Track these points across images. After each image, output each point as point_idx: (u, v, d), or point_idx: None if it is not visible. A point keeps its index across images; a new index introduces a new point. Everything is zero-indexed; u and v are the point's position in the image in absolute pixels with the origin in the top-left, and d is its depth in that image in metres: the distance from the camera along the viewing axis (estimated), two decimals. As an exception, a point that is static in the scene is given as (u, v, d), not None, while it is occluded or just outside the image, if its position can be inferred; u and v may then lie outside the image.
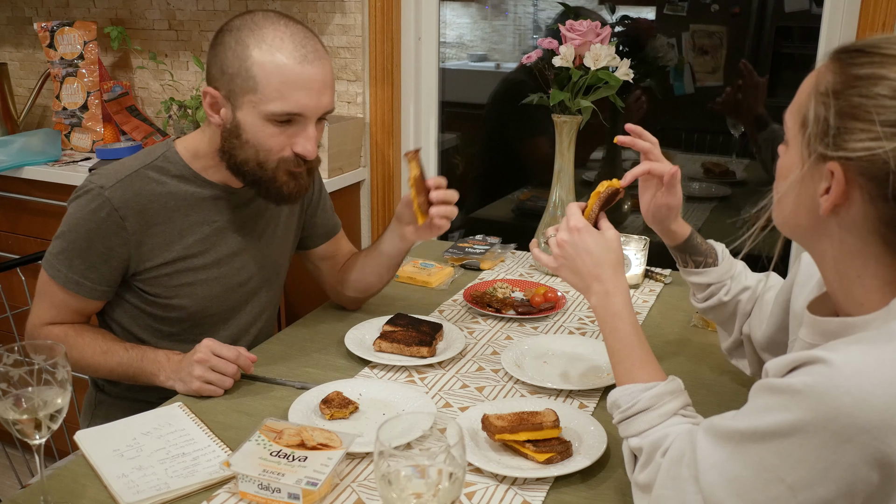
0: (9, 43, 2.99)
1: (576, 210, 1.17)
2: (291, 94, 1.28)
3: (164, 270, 1.41)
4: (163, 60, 2.69)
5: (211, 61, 1.33)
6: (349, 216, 2.46)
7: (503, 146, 2.75)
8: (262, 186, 1.37)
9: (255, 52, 1.27)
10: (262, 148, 1.32)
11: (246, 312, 1.55)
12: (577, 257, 1.12)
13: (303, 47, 1.29)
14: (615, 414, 1.03)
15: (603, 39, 1.73)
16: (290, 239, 1.61)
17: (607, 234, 1.14)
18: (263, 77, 1.27)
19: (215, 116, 1.34)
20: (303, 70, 1.28)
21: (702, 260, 1.30)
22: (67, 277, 1.38)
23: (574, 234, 1.13)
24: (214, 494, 1.05)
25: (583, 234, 1.12)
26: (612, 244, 1.13)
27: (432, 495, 0.86)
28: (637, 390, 1.01)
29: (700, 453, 0.86)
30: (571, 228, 1.14)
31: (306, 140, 1.32)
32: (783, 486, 0.78)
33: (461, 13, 2.81)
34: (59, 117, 2.67)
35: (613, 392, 1.05)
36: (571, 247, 1.13)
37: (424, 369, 1.42)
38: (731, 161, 2.48)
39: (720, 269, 1.29)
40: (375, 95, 2.40)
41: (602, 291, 1.10)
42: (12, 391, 0.99)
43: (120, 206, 1.34)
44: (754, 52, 2.37)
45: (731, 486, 0.82)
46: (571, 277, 1.14)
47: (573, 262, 1.13)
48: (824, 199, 0.83)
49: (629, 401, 1.01)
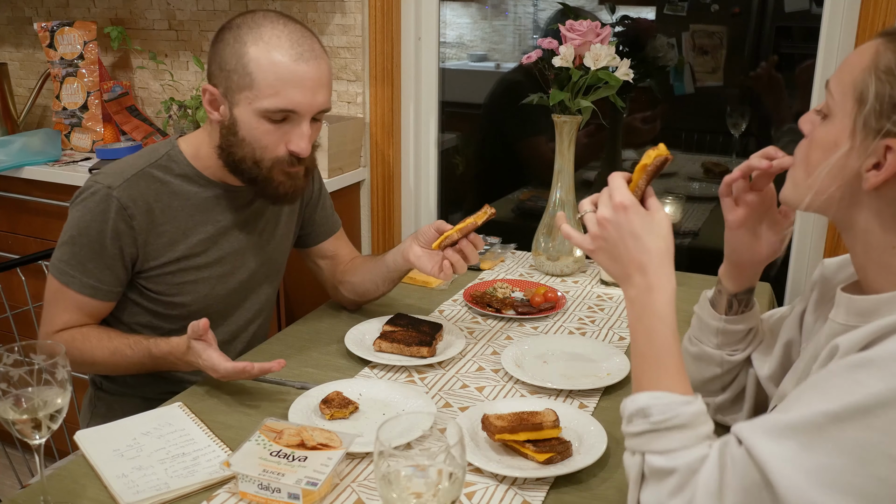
0: (9, 43, 2.99)
1: (621, 183, 0.98)
2: (285, 91, 1.29)
3: (168, 269, 1.42)
4: (163, 60, 2.69)
5: (211, 59, 1.35)
6: (349, 216, 2.46)
7: (502, 146, 2.75)
8: (258, 185, 1.38)
9: (251, 49, 1.29)
10: (257, 145, 1.33)
11: (245, 309, 1.55)
12: (620, 241, 0.95)
13: (299, 46, 1.31)
14: (638, 422, 0.89)
15: (603, 39, 1.73)
16: (289, 236, 1.62)
17: (656, 216, 0.96)
18: (259, 74, 1.29)
19: (214, 113, 1.36)
20: (298, 68, 1.29)
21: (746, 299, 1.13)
22: (83, 283, 1.37)
23: (619, 212, 0.95)
24: (214, 494, 1.05)
25: (629, 213, 0.95)
26: (661, 228, 0.95)
27: (432, 495, 0.86)
28: (675, 402, 0.87)
29: (762, 455, 0.77)
30: (616, 206, 0.95)
31: (300, 138, 1.33)
32: (893, 462, 0.72)
33: (461, 13, 2.81)
34: (59, 117, 2.67)
35: (639, 397, 0.90)
36: (614, 227, 0.95)
37: (424, 369, 1.42)
38: (731, 161, 2.47)
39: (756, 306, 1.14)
40: (375, 95, 2.40)
41: (644, 285, 0.94)
42: (12, 391, 0.99)
43: (128, 205, 1.35)
44: (754, 52, 2.36)
45: (819, 478, 0.74)
46: (609, 263, 0.98)
47: (614, 247, 0.96)
48: (872, 175, 0.83)
49: (665, 412, 0.87)
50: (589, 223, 0.99)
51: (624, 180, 0.98)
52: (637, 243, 0.94)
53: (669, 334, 0.93)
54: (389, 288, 1.63)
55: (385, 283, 1.61)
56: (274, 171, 1.36)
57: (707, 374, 1.16)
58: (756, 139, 2.44)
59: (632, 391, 0.94)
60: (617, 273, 0.98)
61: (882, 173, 0.82)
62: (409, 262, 1.50)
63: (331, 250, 1.69)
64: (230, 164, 1.37)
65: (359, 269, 1.64)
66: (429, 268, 1.46)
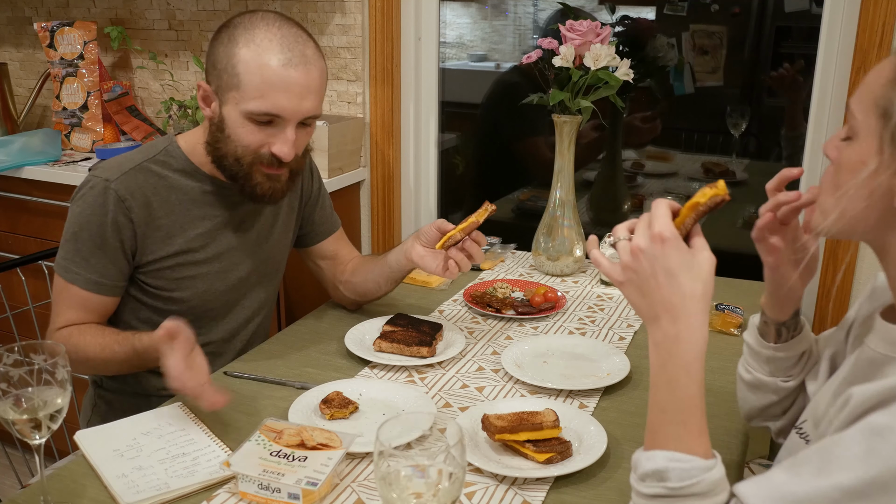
0: (9, 43, 2.99)
1: (665, 211, 0.88)
2: (270, 95, 1.30)
3: (166, 263, 1.42)
4: (163, 60, 2.69)
5: (207, 56, 1.37)
6: (349, 216, 2.46)
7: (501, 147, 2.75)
8: (238, 182, 1.39)
9: (242, 51, 1.30)
10: (240, 144, 1.34)
11: (244, 307, 1.55)
12: (653, 276, 0.86)
13: (290, 51, 1.30)
14: (652, 485, 0.83)
15: (603, 39, 1.73)
16: (288, 235, 1.62)
17: (699, 256, 0.86)
18: (246, 75, 1.30)
19: (206, 109, 1.38)
20: (285, 73, 1.29)
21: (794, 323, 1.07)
22: (87, 279, 1.37)
23: (656, 244, 0.86)
24: (214, 494, 1.05)
25: (668, 247, 0.85)
26: (702, 270, 0.85)
27: (432, 495, 0.86)
28: (696, 468, 0.81)
29: None
30: (654, 236, 0.86)
31: (283, 143, 1.33)
32: None
33: (461, 13, 2.81)
34: (59, 117, 2.67)
35: (657, 456, 0.83)
36: (648, 260, 0.86)
37: (424, 369, 1.42)
38: (731, 161, 2.48)
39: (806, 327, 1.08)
40: (375, 95, 2.40)
41: (672, 332, 0.85)
42: (12, 391, 0.99)
43: (126, 197, 1.36)
44: (754, 52, 2.37)
45: None
46: (638, 299, 0.89)
47: (645, 281, 0.87)
48: None
49: (684, 479, 0.81)
50: (622, 252, 0.89)
51: (669, 209, 0.89)
52: (671, 282, 0.85)
53: (695, 389, 0.85)
54: (391, 288, 1.63)
55: (387, 283, 1.61)
56: (254, 169, 1.36)
57: (764, 401, 1.11)
58: (756, 139, 2.44)
59: (645, 443, 0.87)
60: (645, 312, 0.88)
61: None
62: (413, 262, 1.50)
63: (331, 250, 1.69)
64: (216, 159, 1.39)
65: (360, 270, 1.64)
66: (433, 267, 1.46)
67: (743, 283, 1.84)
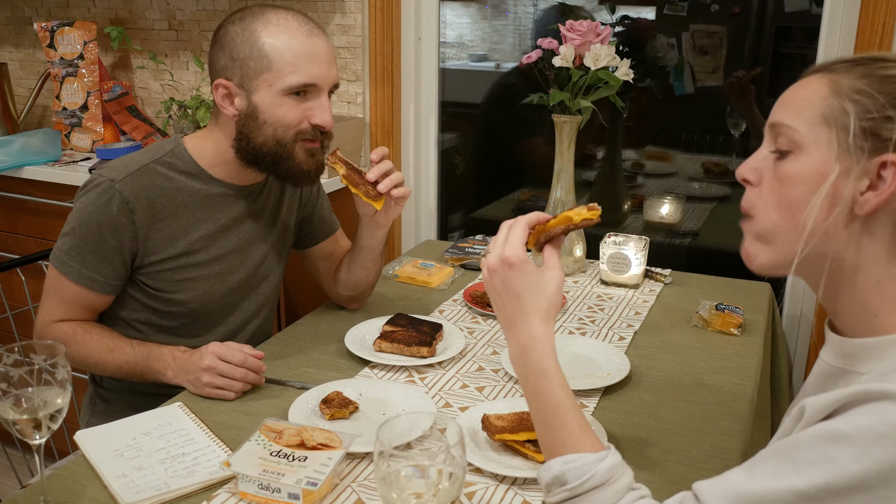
0: (9, 43, 2.99)
1: (518, 235, 0.97)
2: (304, 66, 1.34)
3: (168, 265, 1.42)
4: (163, 60, 2.69)
5: (217, 55, 1.37)
6: (348, 216, 2.44)
7: (501, 148, 2.75)
8: (281, 167, 1.40)
9: (263, 34, 1.33)
10: (279, 125, 1.36)
11: (244, 309, 1.55)
12: (502, 295, 0.96)
13: (306, 24, 1.37)
14: (557, 492, 0.87)
15: (603, 39, 1.73)
16: (288, 237, 1.62)
17: (546, 276, 0.96)
18: (276, 54, 1.33)
19: (229, 108, 1.37)
20: (312, 42, 1.35)
21: None
22: (80, 273, 1.38)
23: (504, 267, 0.95)
24: (214, 494, 1.05)
25: (514, 270, 0.95)
26: (548, 287, 0.95)
27: (432, 495, 0.86)
28: (588, 462, 0.86)
29: None
30: (503, 259, 0.95)
31: (322, 111, 1.37)
32: None
33: (461, 13, 2.81)
34: (59, 117, 2.67)
35: (552, 465, 0.88)
36: (499, 279, 0.96)
37: (424, 369, 1.42)
38: (731, 161, 2.48)
39: None
40: (375, 95, 2.40)
41: (520, 346, 0.94)
42: (12, 391, 0.99)
43: (130, 199, 1.36)
44: (754, 52, 2.37)
45: None
46: (495, 309, 0.99)
47: (498, 297, 0.97)
48: (871, 196, 0.77)
49: (580, 475, 0.85)
50: (482, 265, 1.00)
51: (524, 230, 0.97)
52: (516, 302, 0.95)
53: (559, 392, 0.91)
54: (378, 266, 1.63)
55: (373, 263, 1.61)
56: (296, 147, 1.38)
57: None
58: (756, 139, 2.44)
59: (543, 458, 0.93)
60: (501, 322, 0.98)
61: (883, 192, 0.77)
62: (383, 224, 1.54)
63: (329, 252, 1.69)
64: (249, 153, 1.39)
65: (344, 265, 1.65)
66: (396, 209, 1.51)
67: (743, 283, 1.84)
